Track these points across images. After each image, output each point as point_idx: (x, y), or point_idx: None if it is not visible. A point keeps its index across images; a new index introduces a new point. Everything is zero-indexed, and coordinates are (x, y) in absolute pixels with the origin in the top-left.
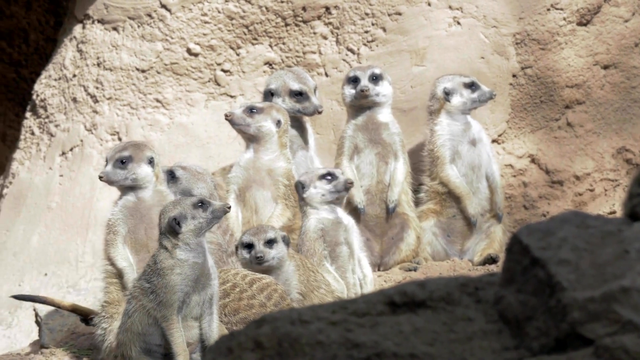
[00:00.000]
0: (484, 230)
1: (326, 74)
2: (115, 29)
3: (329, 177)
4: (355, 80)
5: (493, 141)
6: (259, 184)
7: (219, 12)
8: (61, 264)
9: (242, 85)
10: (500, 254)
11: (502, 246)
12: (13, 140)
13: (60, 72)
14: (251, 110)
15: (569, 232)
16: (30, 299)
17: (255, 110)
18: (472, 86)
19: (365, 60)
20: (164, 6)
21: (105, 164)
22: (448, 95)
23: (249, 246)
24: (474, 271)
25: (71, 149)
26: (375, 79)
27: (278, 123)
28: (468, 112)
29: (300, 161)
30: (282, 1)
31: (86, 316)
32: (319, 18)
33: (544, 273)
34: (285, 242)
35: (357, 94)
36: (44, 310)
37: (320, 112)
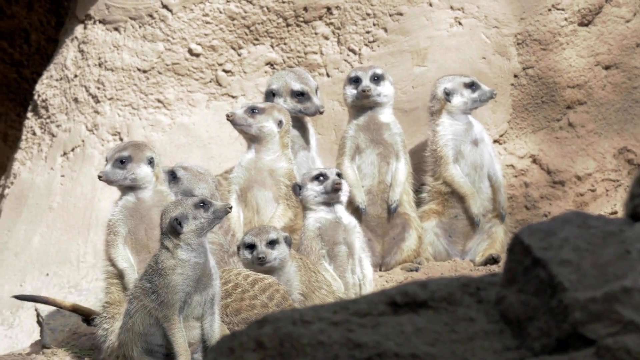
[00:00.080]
0: (486, 231)
1: (327, 74)
2: (116, 29)
3: (320, 178)
4: (357, 80)
5: (494, 141)
6: (261, 184)
7: (221, 13)
8: (63, 264)
9: (244, 86)
10: (501, 254)
11: (504, 246)
12: (14, 141)
13: (61, 73)
14: (253, 111)
15: (570, 233)
16: (32, 299)
17: (257, 111)
18: (473, 86)
19: (366, 60)
20: (165, 6)
21: (106, 163)
22: (449, 96)
23: (251, 247)
24: (475, 271)
25: (72, 149)
26: (377, 79)
27: (280, 123)
28: (469, 112)
29: (301, 161)
30: (284, 1)
31: (87, 316)
32: (320, 18)
33: (546, 273)
34: (287, 243)
35: (359, 94)
36: (45, 310)
37: (322, 113)
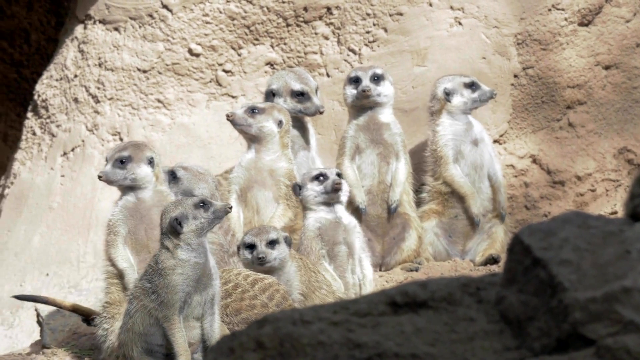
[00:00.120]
0: (486, 231)
1: (327, 74)
2: (116, 29)
3: (320, 178)
4: (357, 80)
5: (494, 141)
6: (261, 184)
7: (221, 13)
8: (62, 264)
9: (244, 86)
10: (501, 254)
11: (504, 246)
12: (14, 141)
13: (61, 73)
14: (253, 111)
15: (570, 233)
16: (32, 299)
17: (257, 111)
18: (473, 86)
19: (366, 60)
20: (165, 6)
21: (106, 163)
22: (448, 96)
23: (251, 247)
24: (475, 271)
25: (72, 149)
26: (377, 79)
27: (279, 123)
28: (469, 112)
29: (301, 161)
30: (284, 1)
31: (87, 316)
32: (320, 18)
33: (546, 273)
34: (287, 243)
35: (359, 94)
36: (45, 310)
37: (322, 113)
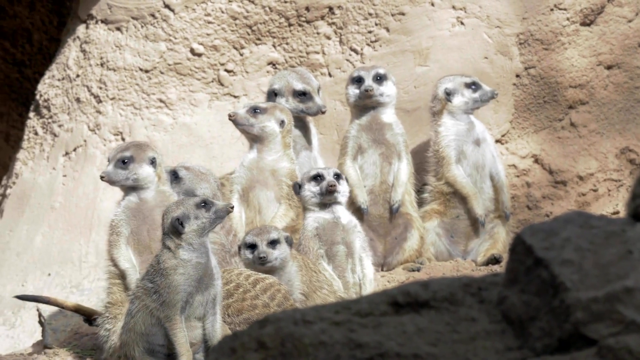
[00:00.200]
0: (488, 231)
1: (329, 74)
2: (118, 29)
3: (317, 179)
4: (360, 80)
5: (496, 141)
6: (263, 184)
7: (223, 12)
8: (64, 264)
9: (246, 86)
10: (503, 254)
11: (506, 246)
12: (16, 141)
13: (63, 72)
14: (255, 111)
15: (572, 233)
16: (34, 299)
17: (259, 111)
18: (474, 86)
19: (368, 60)
20: (167, 6)
21: (108, 163)
22: (449, 96)
23: (252, 246)
24: (477, 271)
25: (74, 149)
26: (380, 79)
27: (281, 123)
28: (471, 112)
29: (303, 161)
30: (286, 1)
31: (89, 316)
32: (323, 18)
33: (548, 273)
34: (288, 243)
35: (361, 93)
36: (47, 310)
37: (324, 112)
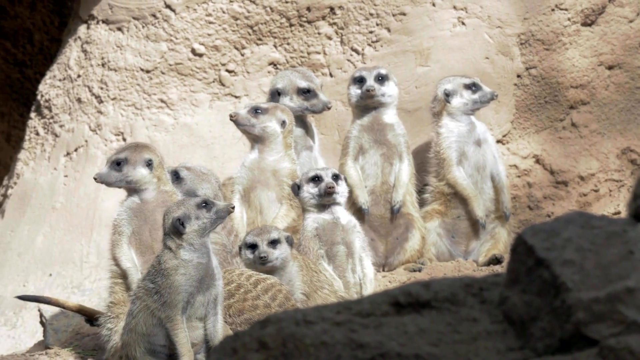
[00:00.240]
0: (489, 231)
1: (330, 75)
2: (119, 29)
3: (316, 180)
4: (361, 80)
5: (497, 141)
6: (264, 184)
7: (224, 13)
8: (66, 264)
9: (247, 86)
10: (504, 254)
11: (507, 247)
12: (18, 141)
13: (64, 73)
14: (256, 111)
15: (573, 233)
16: (35, 300)
17: (260, 111)
18: (473, 87)
19: (369, 60)
20: (168, 6)
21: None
22: (448, 97)
23: (252, 246)
24: (478, 272)
25: (76, 150)
26: (381, 79)
27: (283, 123)
28: (471, 113)
29: (304, 162)
30: (287, 1)
31: (91, 317)
32: (324, 18)
33: (549, 273)
34: (289, 243)
35: (363, 94)
36: (48, 310)
37: (329, 108)
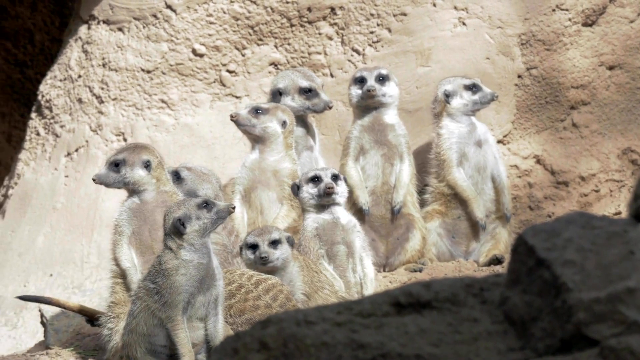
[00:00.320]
0: (489, 232)
1: (331, 75)
2: (120, 29)
3: (315, 180)
4: (362, 80)
5: (498, 142)
6: (265, 184)
7: (224, 13)
8: (66, 264)
9: (248, 86)
10: (505, 254)
11: (508, 247)
12: (18, 141)
13: (65, 73)
14: (257, 111)
15: (574, 233)
16: (36, 300)
17: (261, 111)
18: (473, 88)
19: (370, 61)
20: (169, 7)
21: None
22: (448, 98)
23: (253, 247)
24: (479, 272)
25: (76, 150)
26: (382, 79)
27: (283, 124)
28: (472, 114)
29: (305, 162)
30: (288, 2)
31: (92, 317)
32: (324, 19)
33: (550, 274)
34: (290, 243)
35: (364, 94)
36: (49, 311)
37: (331, 107)
